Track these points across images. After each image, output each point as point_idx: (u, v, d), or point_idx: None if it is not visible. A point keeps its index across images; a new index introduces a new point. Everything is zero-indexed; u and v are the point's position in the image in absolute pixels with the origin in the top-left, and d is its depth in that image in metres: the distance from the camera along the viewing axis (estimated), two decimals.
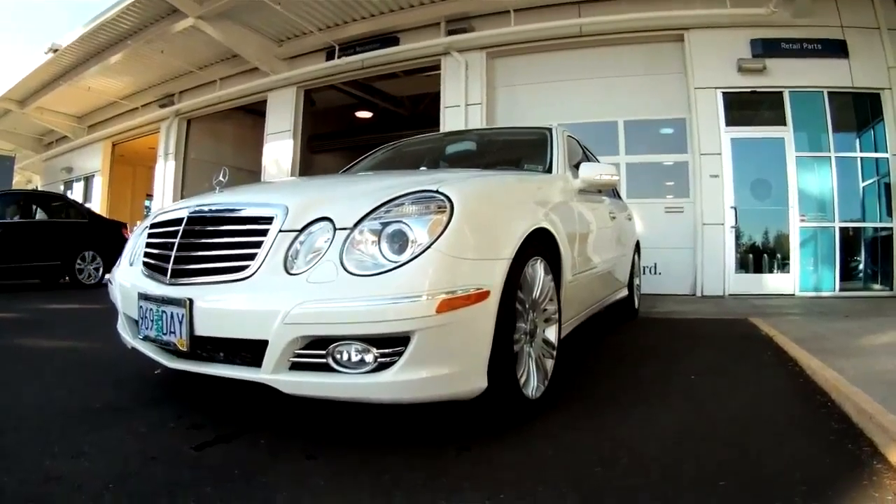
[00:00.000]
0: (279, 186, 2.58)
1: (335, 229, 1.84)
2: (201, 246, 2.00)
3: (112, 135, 14.45)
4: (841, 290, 6.96)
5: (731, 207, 7.23)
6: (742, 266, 7.34)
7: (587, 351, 3.46)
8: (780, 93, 7.25)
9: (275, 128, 11.09)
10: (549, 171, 3.12)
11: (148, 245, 2.29)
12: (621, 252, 4.35)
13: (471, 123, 8.64)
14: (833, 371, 2.61)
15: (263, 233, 1.90)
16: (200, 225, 2.04)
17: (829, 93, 7.15)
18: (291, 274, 1.81)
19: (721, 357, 3.39)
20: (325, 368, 1.75)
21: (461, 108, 8.81)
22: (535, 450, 1.89)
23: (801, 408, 2.33)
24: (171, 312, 1.92)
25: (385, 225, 1.81)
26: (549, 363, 2.43)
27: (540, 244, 2.31)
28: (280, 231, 1.90)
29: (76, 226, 8.53)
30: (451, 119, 8.86)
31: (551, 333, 2.46)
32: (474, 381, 1.84)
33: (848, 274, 7.03)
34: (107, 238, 8.74)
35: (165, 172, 13.30)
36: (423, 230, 1.77)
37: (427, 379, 1.73)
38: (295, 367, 1.77)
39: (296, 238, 1.88)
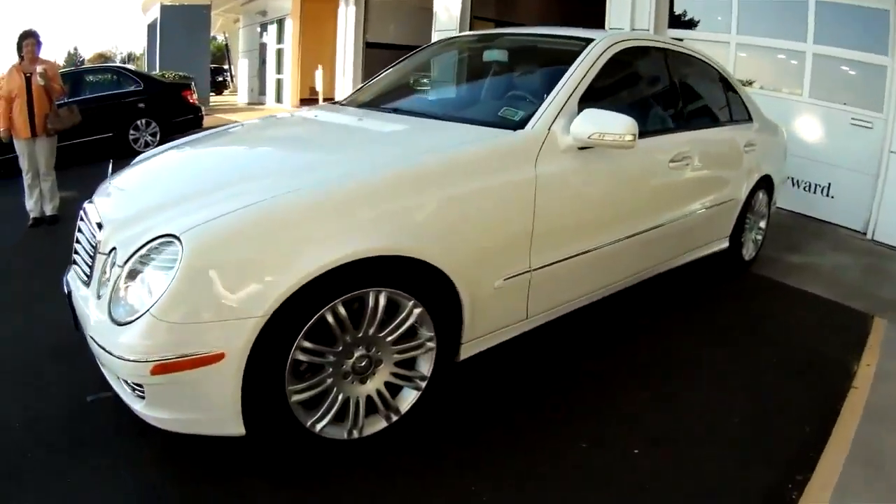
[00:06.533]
0: (142, 181, 2.43)
1: (116, 264, 1.77)
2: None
3: None
4: None
5: None
6: None
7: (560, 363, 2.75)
8: None
9: None
10: (524, 124, 2.36)
11: None
12: (705, 203, 3.40)
13: None
14: None
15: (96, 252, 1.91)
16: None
17: None
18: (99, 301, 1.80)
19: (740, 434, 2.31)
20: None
21: None
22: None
23: None
24: None
25: (134, 274, 1.71)
26: (411, 395, 2.08)
27: (392, 268, 1.87)
28: (97, 252, 1.89)
29: (128, 95, 8.41)
30: None
31: (424, 365, 2.08)
32: (229, 427, 1.75)
33: None
34: (163, 103, 8.69)
35: (347, 19, 13.41)
36: (150, 287, 1.65)
37: (171, 419, 1.75)
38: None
39: (104, 262, 1.84)
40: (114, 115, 8.19)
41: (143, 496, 1.84)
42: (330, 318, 1.80)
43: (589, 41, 2.73)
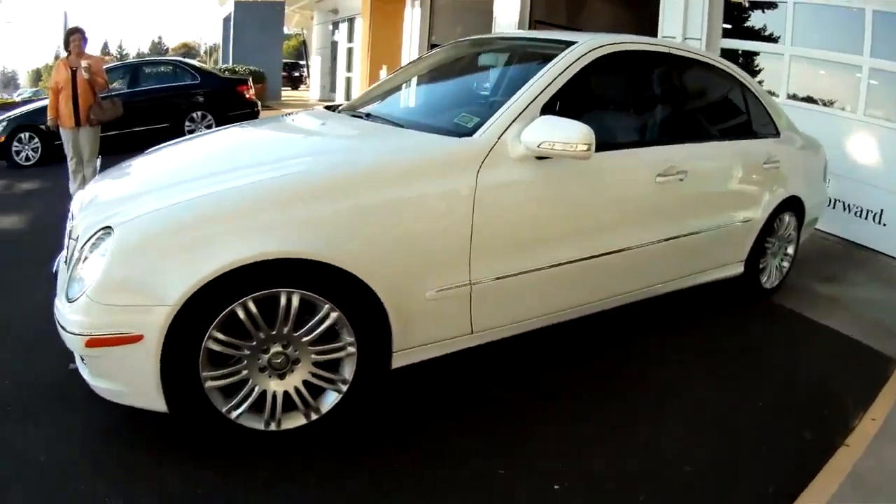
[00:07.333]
0: (123, 175, 2.58)
1: (77, 249, 1.93)
2: None
3: None
4: None
5: None
6: None
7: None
8: None
9: None
10: (473, 132, 2.28)
11: None
12: (708, 222, 3.18)
13: None
14: None
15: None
16: None
17: None
18: None
19: None
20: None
21: None
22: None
23: None
24: None
25: (85, 259, 1.87)
26: (332, 397, 2.10)
27: (306, 270, 1.91)
28: (70, 238, 2.08)
29: (184, 88, 8.97)
30: None
31: (347, 369, 2.09)
32: (153, 402, 1.88)
33: None
34: (219, 97, 9.18)
35: (413, 20, 13.51)
36: (90, 270, 1.83)
37: (109, 390, 1.92)
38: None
39: (73, 248, 2.00)
40: (171, 107, 8.77)
41: (87, 453, 2.03)
42: (241, 314, 1.86)
43: (567, 42, 2.62)
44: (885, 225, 5.25)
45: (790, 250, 3.99)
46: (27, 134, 7.65)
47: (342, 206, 1.97)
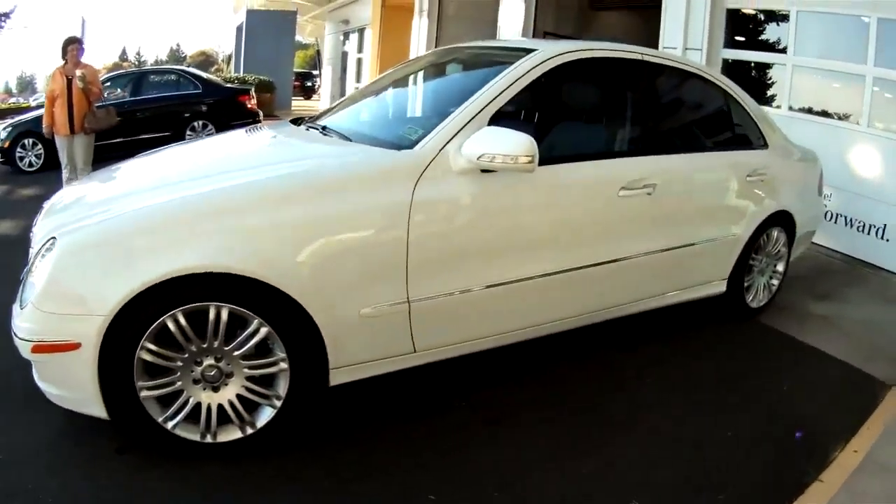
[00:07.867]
0: (90, 184, 2.63)
1: (33, 256, 1.97)
2: None
3: None
4: None
5: None
6: None
7: None
8: None
9: None
10: (415, 144, 2.21)
11: None
12: (683, 238, 3.05)
13: None
14: None
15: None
16: None
17: None
18: None
19: None
20: None
21: None
22: None
23: None
24: None
25: (35, 267, 1.92)
26: (267, 412, 2.07)
27: (234, 285, 1.89)
28: (31, 248, 2.10)
29: (186, 97, 9.04)
30: None
31: (281, 384, 2.04)
32: (94, 408, 1.91)
33: None
34: (220, 106, 9.21)
35: (420, 31, 13.50)
36: (38, 278, 1.87)
37: (56, 395, 1.96)
38: None
39: (31, 255, 2.04)
40: (172, 115, 8.89)
41: (44, 453, 2.09)
42: (171, 326, 1.87)
43: (525, 50, 2.54)
44: (888, 240, 5.05)
45: (780, 267, 3.83)
46: (31, 140, 7.81)
47: (269, 221, 1.94)
